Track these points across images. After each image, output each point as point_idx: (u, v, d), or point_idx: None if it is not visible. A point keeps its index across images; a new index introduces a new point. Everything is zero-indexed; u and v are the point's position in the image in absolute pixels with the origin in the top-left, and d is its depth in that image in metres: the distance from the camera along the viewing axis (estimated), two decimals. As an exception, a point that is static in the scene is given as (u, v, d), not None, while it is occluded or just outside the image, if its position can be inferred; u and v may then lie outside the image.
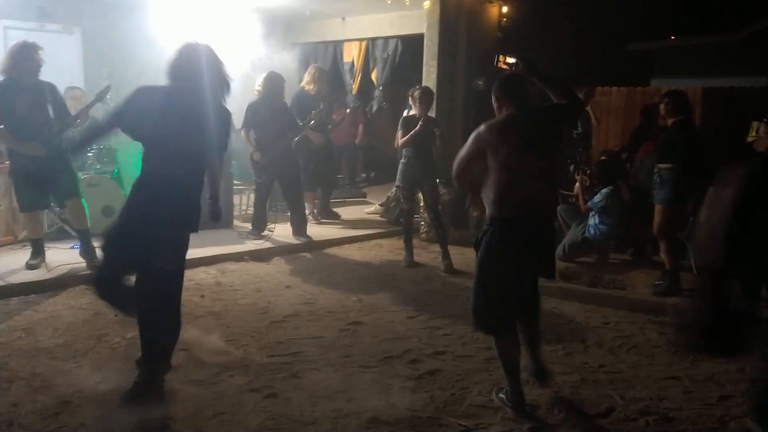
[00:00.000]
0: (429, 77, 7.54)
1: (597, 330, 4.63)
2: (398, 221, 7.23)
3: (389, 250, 6.94)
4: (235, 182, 7.60)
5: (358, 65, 9.12)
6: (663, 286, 5.45)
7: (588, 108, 8.52)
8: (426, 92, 6.33)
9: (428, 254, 6.70)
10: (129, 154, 6.71)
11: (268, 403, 3.42)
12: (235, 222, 7.49)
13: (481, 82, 8.23)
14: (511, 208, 3.26)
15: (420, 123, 6.11)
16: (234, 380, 3.66)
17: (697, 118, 6.86)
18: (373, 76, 9.09)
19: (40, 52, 5.15)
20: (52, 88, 5.34)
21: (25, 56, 5.09)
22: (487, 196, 3.36)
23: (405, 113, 7.57)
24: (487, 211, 3.37)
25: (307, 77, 7.68)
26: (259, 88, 6.75)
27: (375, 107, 9.06)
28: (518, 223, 3.26)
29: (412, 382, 3.72)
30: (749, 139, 6.55)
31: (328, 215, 7.93)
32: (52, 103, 5.29)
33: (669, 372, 3.91)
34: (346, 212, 8.39)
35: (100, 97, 5.31)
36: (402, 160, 6.29)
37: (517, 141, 3.25)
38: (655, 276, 5.64)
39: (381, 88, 8.78)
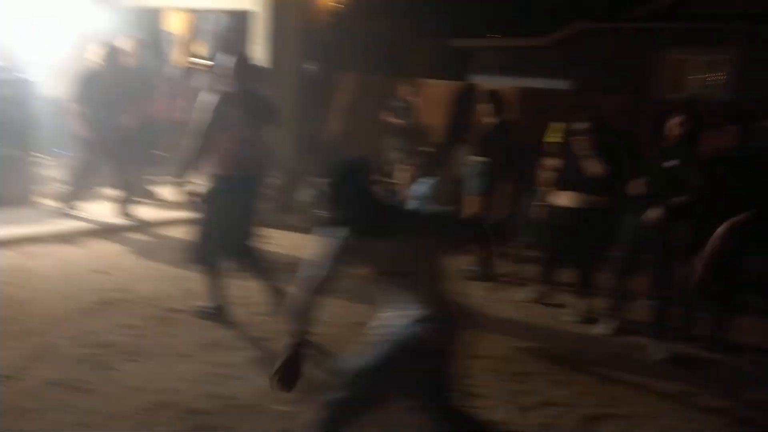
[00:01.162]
0: (263, 55, 7.40)
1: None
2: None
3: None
4: (41, 154, 6.93)
5: (183, 37, 8.70)
6: (475, 270, 5.90)
7: (414, 100, 8.92)
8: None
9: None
10: None
11: (77, 397, 3.22)
12: (44, 200, 6.85)
13: (313, 66, 8.26)
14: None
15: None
16: (40, 374, 3.39)
17: (510, 117, 7.42)
18: (199, 49, 8.73)
19: None
20: None
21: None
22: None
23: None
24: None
25: (124, 48, 7.17)
26: (94, 57, 6.20)
27: (199, 82, 8.69)
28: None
29: (233, 369, 3.69)
30: (547, 139, 7.19)
31: (140, 194, 7.45)
32: None
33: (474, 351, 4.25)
34: (169, 191, 7.99)
35: None
36: None
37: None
38: (470, 261, 6.05)
39: (206, 63, 8.46)
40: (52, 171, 7.30)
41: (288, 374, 2.39)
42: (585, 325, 4.89)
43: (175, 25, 8.73)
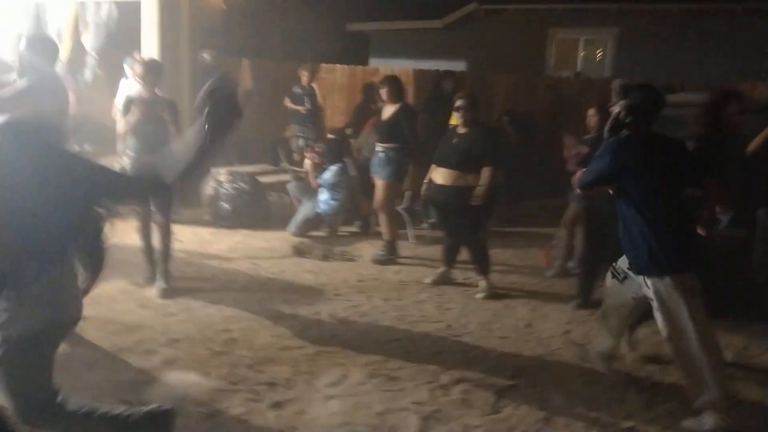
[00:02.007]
0: (150, 48, 7.10)
1: (330, 301, 4.93)
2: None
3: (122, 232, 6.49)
4: None
5: (68, 30, 8.20)
6: (383, 255, 6.01)
7: (314, 85, 8.88)
8: (151, 67, 5.05)
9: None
10: None
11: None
12: None
13: (207, 56, 8.02)
14: None
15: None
16: None
17: (408, 99, 7.55)
18: (85, 41, 8.26)
19: None
20: None
21: None
22: None
23: (123, 84, 7.08)
24: None
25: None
26: None
27: (89, 76, 8.26)
28: None
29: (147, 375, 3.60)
30: (451, 122, 7.39)
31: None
32: None
33: (391, 336, 4.35)
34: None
35: None
36: (129, 153, 4.89)
37: None
38: (379, 246, 6.15)
39: (96, 55, 8.03)
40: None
41: None
42: (493, 300, 5.10)
43: (63, 18, 8.22)
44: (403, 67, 9.74)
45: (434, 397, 3.53)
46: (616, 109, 3.47)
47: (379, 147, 6.04)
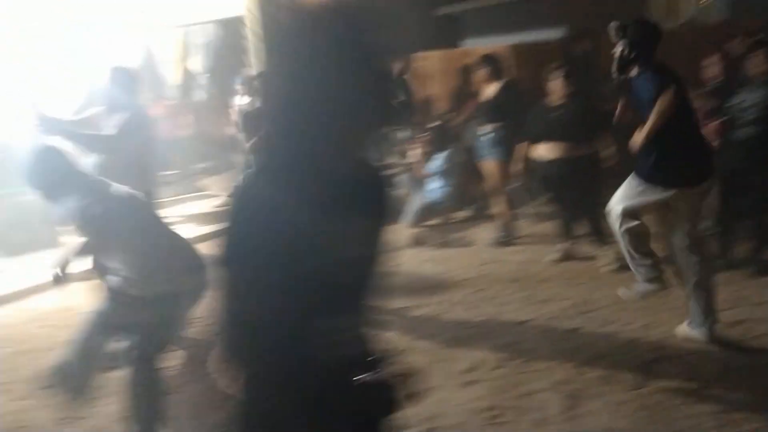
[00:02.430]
0: (258, 62, 7.42)
1: (455, 288, 4.97)
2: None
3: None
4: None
5: (177, 55, 8.74)
6: (502, 237, 5.97)
7: (406, 76, 8.88)
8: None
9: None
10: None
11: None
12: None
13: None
14: None
15: None
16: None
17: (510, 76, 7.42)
18: (192, 64, 8.77)
19: None
20: None
21: None
22: None
23: (239, 102, 7.42)
24: None
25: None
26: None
27: (202, 96, 8.76)
28: None
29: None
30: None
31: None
32: None
33: (520, 317, 4.34)
34: (183, 209, 8.09)
35: None
36: None
37: None
38: (495, 228, 6.12)
39: (208, 75, 8.50)
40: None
41: None
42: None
43: (170, 44, 8.77)
44: (496, 44, 9.56)
45: (574, 376, 3.50)
46: (619, 49, 3.55)
47: (485, 128, 6.00)
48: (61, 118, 4.43)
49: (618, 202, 3.67)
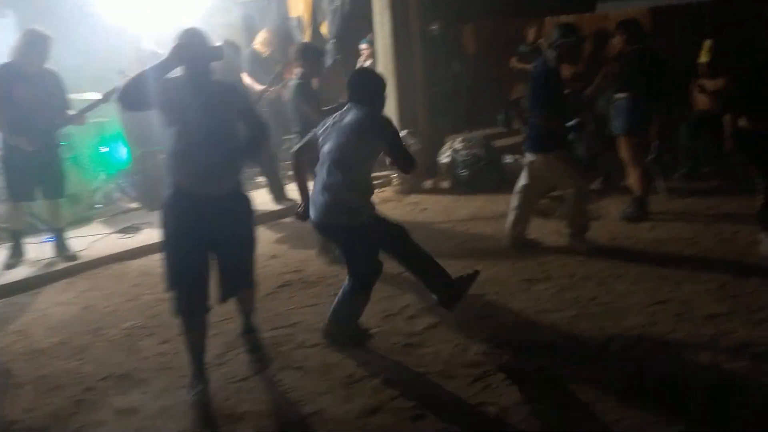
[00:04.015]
0: (382, 28, 7.41)
1: (583, 262, 4.79)
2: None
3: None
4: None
5: (306, 19, 8.88)
6: (633, 212, 5.66)
7: (541, 41, 8.55)
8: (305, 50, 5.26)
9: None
10: (84, 139, 6.55)
11: (286, 375, 3.48)
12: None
13: (435, 27, 8.16)
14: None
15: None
16: (242, 357, 3.69)
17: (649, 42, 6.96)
18: (323, 29, 8.87)
19: (48, 41, 4.98)
20: (56, 79, 5.16)
21: (30, 44, 4.93)
22: None
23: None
24: None
25: (260, 39, 7.53)
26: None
27: (329, 61, 8.86)
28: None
29: (419, 337, 3.82)
30: (701, 59, 6.68)
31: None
32: (55, 95, 5.12)
33: (656, 297, 4.10)
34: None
35: (106, 97, 5.15)
36: None
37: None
38: (625, 202, 5.82)
39: (334, 41, 8.58)
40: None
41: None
42: None
43: (299, 8, 8.93)
44: (635, 7, 8.97)
45: (718, 363, 3.27)
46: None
47: (613, 97, 5.69)
48: None
49: None
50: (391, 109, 7.53)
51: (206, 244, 3.21)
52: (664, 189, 6.28)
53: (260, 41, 7.54)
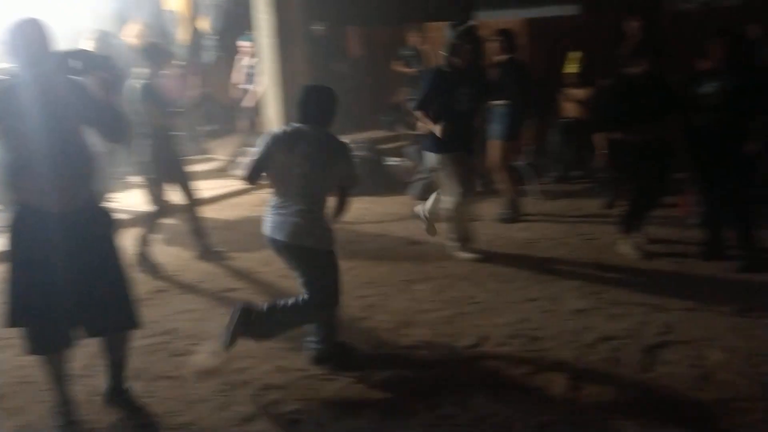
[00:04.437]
0: (264, 26, 7.29)
1: (461, 264, 4.93)
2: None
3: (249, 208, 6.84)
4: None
5: (183, 13, 8.57)
6: (506, 214, 5.93)
7: (422, 47, 8.77)
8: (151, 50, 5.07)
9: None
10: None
11: (156, 386, 3.33)
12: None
13: (319, 27, 8.14)
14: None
15: None
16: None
17: (525, 51, 7.30)
18: (201, 24, 8.61)
19: None
20: None
21: None
22: None
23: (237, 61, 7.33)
24: None
25: (132, 31, 7.17)
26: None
27: (212, 57, 8.63)
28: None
29: (298, 341, 3.78)
30: (569, 69, 7.10)
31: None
32: None
33: (527, 295, 4.31)
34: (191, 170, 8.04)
35: None
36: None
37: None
38: (500, 204, 6.06)
39: (217, 37, 8.36)
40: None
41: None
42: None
43: (176, 2, 8.60)
44: (512, 18, 9.39)
45: (581, 356, 3.48)
46: None
47: (492, 104, 5.91)
48: None
49: None
50: (273, 110, 7.45)
51: (64, 269, 2.78)
52: (536, 192, 6.61)
53: (132, 33, 7.18)
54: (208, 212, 6.59)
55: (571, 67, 7.09)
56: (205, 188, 7.28)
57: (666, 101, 4.70)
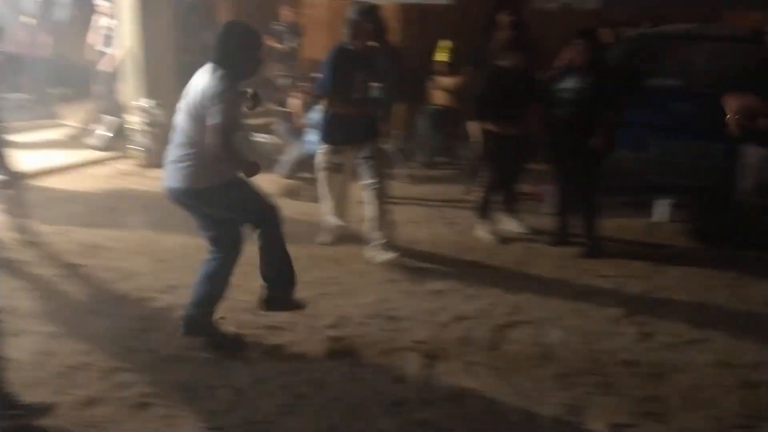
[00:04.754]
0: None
1: (324, 245, 4.92)
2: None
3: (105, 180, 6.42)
4: None
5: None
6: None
7: (296, 22, 8.62)
8: None
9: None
10: None
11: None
12: None
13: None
14: None
15: None
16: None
17: (396, 36, 7.38)
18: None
19: None
20: None
21: None
22: None
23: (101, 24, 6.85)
24: None
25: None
26: None
27: (66, 15, 7.97)
28: None
29: (147, 321, 3.62)
30: (438, 58, 7.26)
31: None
32: None
33: (389, 276, 4.38)
34: (36, 137, 7.44)
35: None
36: None
37: None
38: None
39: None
40: None
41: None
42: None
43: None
44: (384, 2, 9.43)
45: (435, 336, 3.59)
46: None
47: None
48: None
49: None
50: (135, 77, 7.02)
51: None
52: (404, 175, 6.73)
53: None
54: (55, 183, 6.15)
55: (441, 56, 7.26)
56: (52, 157, 6.80)
57: (530, 95, 4.96)
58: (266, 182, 6.31)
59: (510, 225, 5.31)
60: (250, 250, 3.42)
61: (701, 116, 5.36)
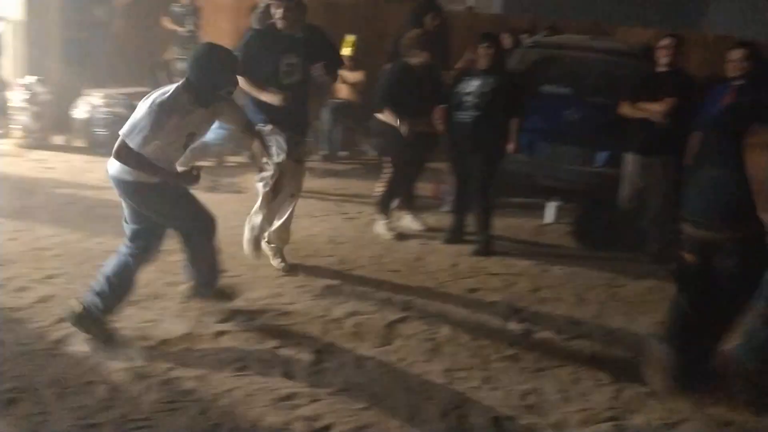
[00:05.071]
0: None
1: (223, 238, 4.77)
2: None
3: None
4: None
5: None
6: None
7: (195, 4, 8.35)
8: None
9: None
10: None
11: None
12: None
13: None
14: None
15: None
16: None
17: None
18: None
19: None
20: None
21: None
22: None
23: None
24: None
25: None
26: None
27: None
28: None
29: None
30: (342, 52, 7.23)
31: None
32: None
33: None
34: None
35: None
36: None
37: None
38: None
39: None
40: None
41: None
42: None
43: None
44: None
45: (327, 331, 3.57)
46: None
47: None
48: None
49: None
50: (17, 53, 6.56)
51: None
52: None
53: None
54: None
55: (346, 50, 7.24)
56: None
57: (436, 94, 5.04)
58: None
59: (408, 222, 5.38)
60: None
61: (588, 124, 5.66)
